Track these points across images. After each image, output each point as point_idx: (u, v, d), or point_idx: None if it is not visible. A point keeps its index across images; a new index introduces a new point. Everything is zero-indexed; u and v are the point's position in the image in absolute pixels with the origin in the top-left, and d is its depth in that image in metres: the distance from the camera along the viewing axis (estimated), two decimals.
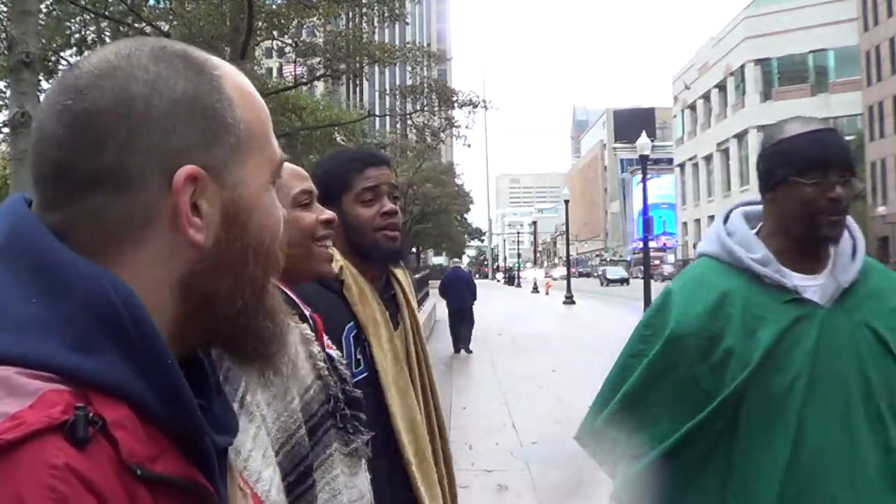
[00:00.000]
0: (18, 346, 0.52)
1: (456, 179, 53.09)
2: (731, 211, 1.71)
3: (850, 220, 1.63)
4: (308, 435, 1.22)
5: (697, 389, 1.51)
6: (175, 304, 0.61)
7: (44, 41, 12.82)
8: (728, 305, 1.53)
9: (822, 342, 1.48)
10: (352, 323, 1.72)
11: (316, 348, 1.29)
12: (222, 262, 0.63)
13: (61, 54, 14.93)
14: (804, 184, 1.50)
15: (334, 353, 1.36)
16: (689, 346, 1.53)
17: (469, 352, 13.29)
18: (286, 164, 1.41)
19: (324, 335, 1.36)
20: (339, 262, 1.73)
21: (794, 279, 1.55)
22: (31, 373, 0.51)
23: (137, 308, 0.56)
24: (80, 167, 0.58)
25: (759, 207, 1.67)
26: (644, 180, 20.13)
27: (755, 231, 1.65)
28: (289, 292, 1.31)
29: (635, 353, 1.63)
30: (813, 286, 1.55)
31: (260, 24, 14.44)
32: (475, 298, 13.94)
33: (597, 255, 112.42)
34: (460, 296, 13.57)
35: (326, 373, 1.28)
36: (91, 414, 0.50)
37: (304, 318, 1.31)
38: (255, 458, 1.03)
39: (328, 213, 1.44)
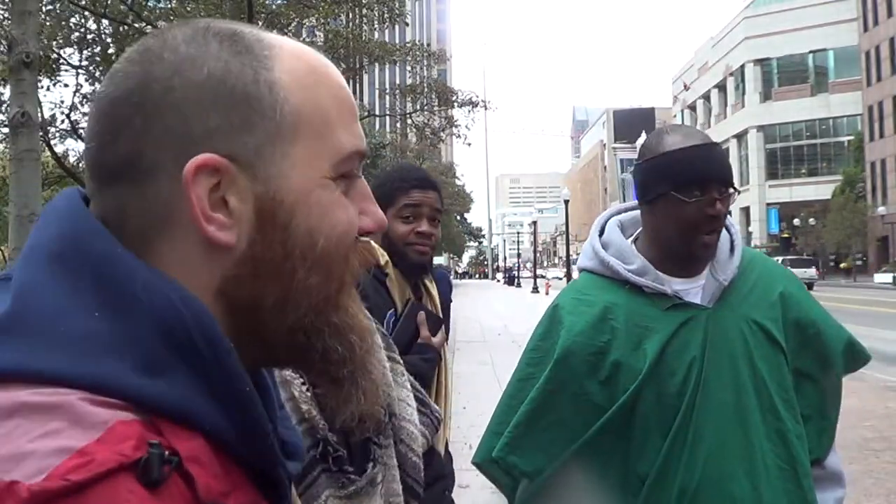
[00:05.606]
0: (79, 366, 0.46)
1: (456, 180, 53.12)
2: (606, 221, 1.69)
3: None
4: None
5: (590, 405, 1.50)
6: (222, 315, 0.54)
7: (44, 40, 12.82)
8: (611, 319, 1.52)
9: (709, 342, 1.48)
10: (392, 310, 2.03)
11: (296, 390, 1.00)
12: (262, 268, 0.54)
13: (61, 53, 14.94)
14: (684, 201, 1.46)
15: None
16: (578, 362, 1.51)
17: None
18: None
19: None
20: (384, 257, 2.00)
21: (674, 284, 1.54)
22: (95, 399, 0.46)
23: (210, 326, 0.51)
24: (102, 158, 0.54)
25: (634, 213, 1.65)
26: None
27: (633, 238, 1.63)
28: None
29: (525, 377, 1.59)
30: (694, 288, 1.55)
31: (260, 23, 14.45)
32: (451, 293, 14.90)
33: None
34: (443, 291, 14.29)
35: (313, 413, 1.00)
36: (166, 452, 0.45)
37: None
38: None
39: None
